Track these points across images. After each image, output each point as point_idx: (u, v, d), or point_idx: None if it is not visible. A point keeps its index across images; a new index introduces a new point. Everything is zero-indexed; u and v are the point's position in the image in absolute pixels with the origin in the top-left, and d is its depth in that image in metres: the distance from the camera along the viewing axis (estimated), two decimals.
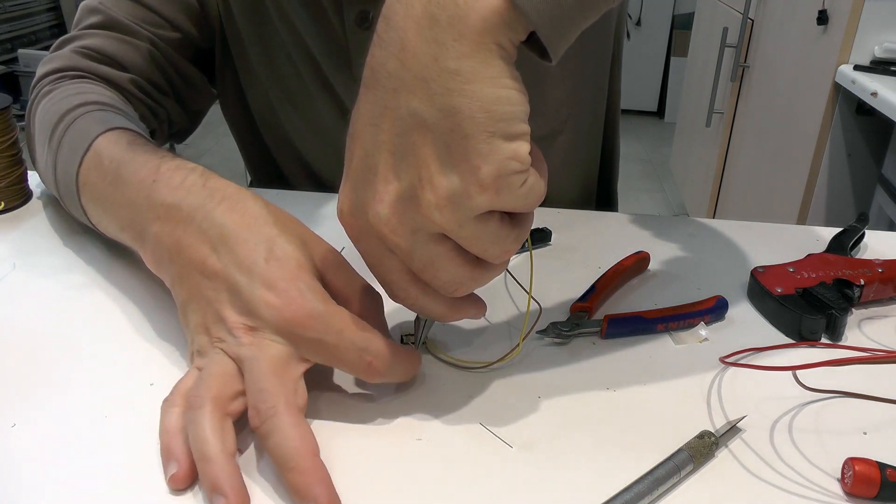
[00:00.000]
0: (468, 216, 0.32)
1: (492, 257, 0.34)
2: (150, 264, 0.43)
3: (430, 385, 0.41)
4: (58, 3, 3.43)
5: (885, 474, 0.33)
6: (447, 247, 0.34)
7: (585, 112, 0.73)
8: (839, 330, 0.46)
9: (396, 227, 0.33)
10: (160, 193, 0.42)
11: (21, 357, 0.42)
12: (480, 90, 0.30)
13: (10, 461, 0.35)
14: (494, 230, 0.33)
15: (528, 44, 0.33)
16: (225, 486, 0.32)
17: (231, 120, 0.76)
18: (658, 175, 3.23)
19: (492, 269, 0.36)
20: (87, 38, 0.62)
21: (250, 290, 0.37)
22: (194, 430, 0.34)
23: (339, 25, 0.63)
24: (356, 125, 0.34)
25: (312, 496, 0.32)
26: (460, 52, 0.30)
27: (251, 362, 0.36)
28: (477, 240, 0.33)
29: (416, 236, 0.33)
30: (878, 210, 1.30)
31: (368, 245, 0.35)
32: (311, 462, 0.33)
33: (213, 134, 3.38)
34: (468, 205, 0.31)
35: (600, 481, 0.34)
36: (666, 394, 0.41)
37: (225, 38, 0.69)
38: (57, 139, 0.53)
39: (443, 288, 0.35)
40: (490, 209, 0.32)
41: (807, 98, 1.50)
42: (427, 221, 0.32)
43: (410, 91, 0.31)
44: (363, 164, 0.34)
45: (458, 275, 0.35)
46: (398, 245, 0.34)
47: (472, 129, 0.30)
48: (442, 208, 0.32)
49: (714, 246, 0.59)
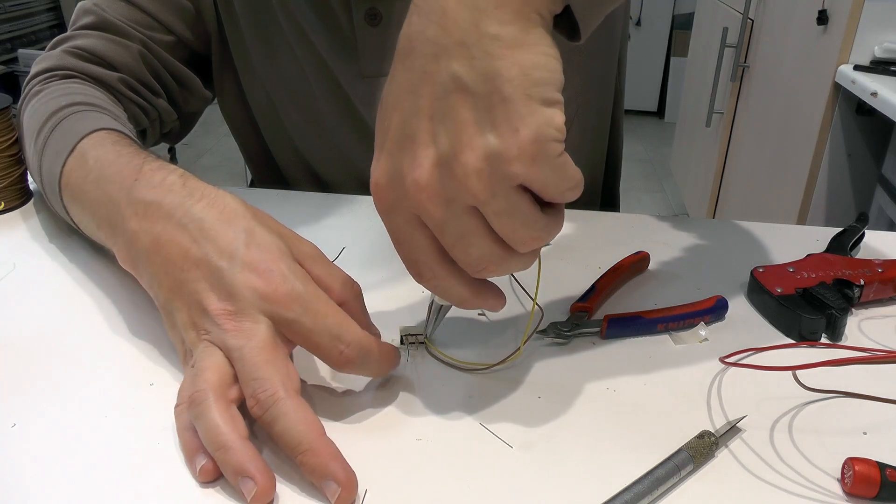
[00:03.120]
0: (504, 184, 0.32)
1: (520, 241, 0.34)
2: (124, 261, 0.43)
3: (430, 385, 0.41)
4: (58, 3, 3.42)
5: (885, 474, 0.33)
6: (480, 221, 0.33)
7: (592, 110, 0.73)
8: (839, 330, 0.46)
9: (434, 195, 0.33)
10: (140, 192, 0.42)
11: (21, 357, 0.43)
12: (521, 55, 0.31)
13: (10, 461, 0.35)
14: (526, 209, 0.33)
15: (557, 25, 0.33)
16: (250, 468, 0.32)
17: (231, 121, 0.76)
18: (658, 175, 3.23)
19: (519, 256, 0.35)
20: (79, 38, 0.63)
21: (231, 273, 0.37)
22: (203, 424, 0.34)
23: (346, 23, 0.64)
24: (392, 95, 0.34)
25: (330, 473, 0.32)
26: (501, 19, 0.31)
27: (239, 351, 0.36)
28: (508, 216, 0.33)
29: (452, 207, 0.33)
30: (878, 210, 1.30)
31: (400, 218, 0.35)
32: (321, 441, 0.33)
33: (213, 134, 3.38)
34: (505, 170, 0.31)
35: (600, 481, 0.34)
36: (666, 394, 0.41)
37: (223, 40, 0.69)
38: (43, 139, 0.53)
39: (471, 265, 0.35)
40: (525, 179, 0.32)
41: (807, 98, 1.50)
42: (464, 188, 0.32)
43: (451, 56, 0.31)
44: (401, 131, 0.33)
45: (488, 252, 0.34)
46: (433, 215, 0.33)
47: (512, 91, 0.30)
48: (480, 172, 0.31)
49: (714, 246, 0.59)
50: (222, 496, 0.33)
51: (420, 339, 0.44)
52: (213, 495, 0.33)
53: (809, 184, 1.47)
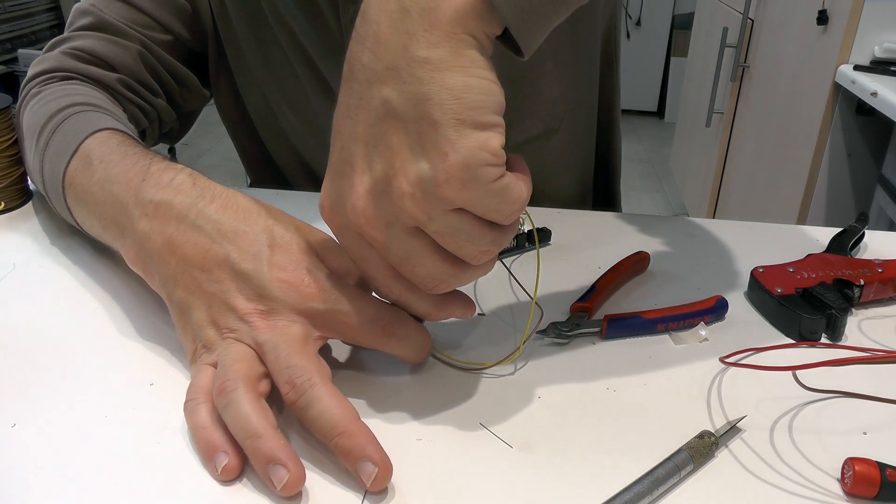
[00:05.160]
0: (439, 207, 0.32)
1: (467, 257, 0.34)
2: (133, 262, 0.43)
3: (430, 385, 0.41)
4: (58, 3, 3.42)
5: (885, 474, 0.33)
6: (424, 241, 0.34)
7: (581, 110, 0.73)
8: (839, 330, 0.46)
9: (371, 219, 0.33)
10: (149, 192, 0.42)
11: (21, 357, 0.42)
12: (451, 78, 0.30)
13: (10, 461, 0.35)
14: (468, 228, 0.33)
15: (504, 41, 0.33)
16: (281, 456, 0.32)
17: (227, 121, 0.76)
18: (658, 175, 3.23)
19: (472, 268, 0.35)
20: (76, 39, 0.62)
21: (259, 274, 0.38)
22: (233, 411, 0.34)
23: (335, 26, 0.64)
24: (336, 119, 0.34)
25: (367, 455, 0.33)
26: (430, 42, 0.30)
27: (272, 344, 0.36)
28: (449, 235, 0.33)
29: (392, 229, 0.33)
30: (878, 210, 1.30)
31: (349, 240, 0.36)
32: (357, 425, 0.34)
33: (213, 134, 3.38)
34: (438, 194, 0.31)
35: (600, 481, 0.34)
36: (666, 394, 0.41)
37: (219, 40, 0.69)
38: (44, 140, 0.53)
39: (422, 284, 0.35)
40: (460, 202, 0.32)
41: (807, 98, 1.50)
42: (400, 211, 0.32)
43: (382, 81, 0.31)
44: (340, 157, 0.34)
45: (437, 270, 0.34)
46: (375, 238, 0.34)
47: (441, 115, 0.30)
48: (413, 197, 0.32)
49: (714, 246, 0.59)
50: (223, 496, 0.33)
51: None
52: (213, 495, 0.33)
53: (809, 184, 1.47)
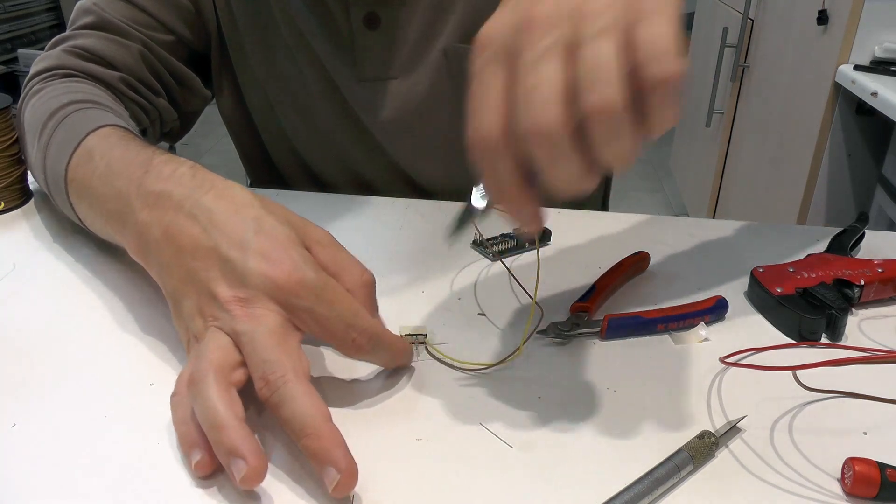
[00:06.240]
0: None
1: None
2: (135, 253, 0.43)
3: (430, 385, 0.41)
4: (58, 3, 3.42)
5: (885, 474, 0.33)
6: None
7: None
8: (839, 330, 0.46)
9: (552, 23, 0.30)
10: (150, 183, 0.42)
11: (21, 357, 0.42)
12: None
13: (10, 461, 0.35)
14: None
15: None
16: (242, 448, 0.32)
17: (228, 121, 0.76)
18: (658, 175, 3.23)
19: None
20: (78, 38, 0.63)
21: (243, 260, 0.37)
22: (200, 401, 0.34)
23: (345, 27, 0.64)
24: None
25: (332, 460, 0.32)
26: None
27: (249, 335, 0.36)
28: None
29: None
30: (878, 210, 1.30)
31: (495, 78, 0.32)
32: (326, 427, 0.33)
33: (213, 134, 3.38)
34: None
35: (600, 481, 0.34)
36: (666, 394, 0.41)
37: (222, 40, 0.69)
38: (46, 136, 0.53)
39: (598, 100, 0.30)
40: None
41: (807, 98, 1.50)
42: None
43: None
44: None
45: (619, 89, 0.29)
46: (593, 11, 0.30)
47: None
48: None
49: (714, 246, 0.59)
50: (222, 496, 0.33)
51: (420, 339, 0.44)
52: (213, 495, 0.33)
53: (809, 184, 1.47)
